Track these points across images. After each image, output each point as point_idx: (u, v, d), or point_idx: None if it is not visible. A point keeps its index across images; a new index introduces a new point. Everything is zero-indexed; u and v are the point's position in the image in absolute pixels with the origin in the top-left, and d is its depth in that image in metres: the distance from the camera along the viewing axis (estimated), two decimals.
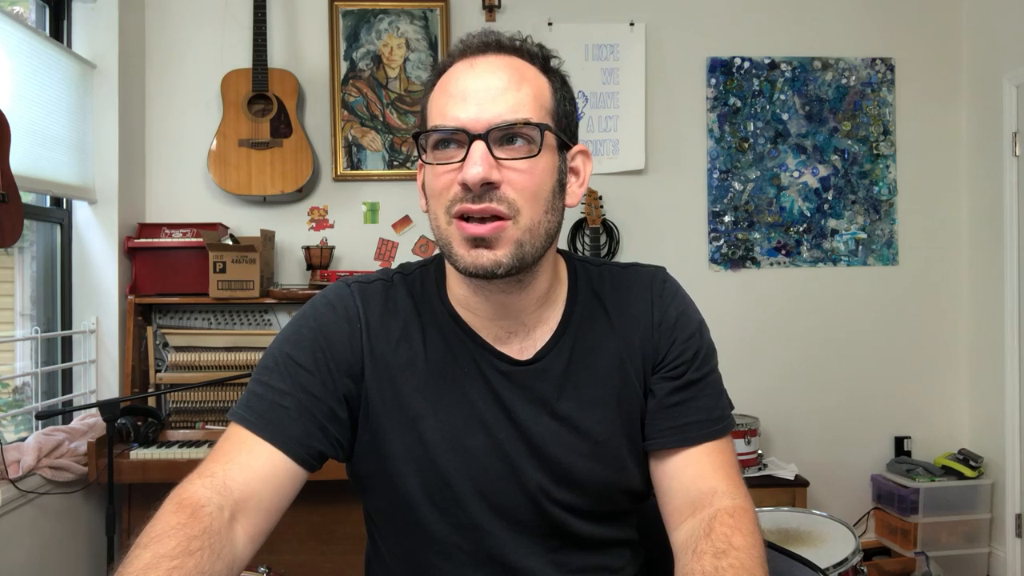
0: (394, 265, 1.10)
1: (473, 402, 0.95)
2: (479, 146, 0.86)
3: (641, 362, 0.99)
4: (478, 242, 0.88)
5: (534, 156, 0.88)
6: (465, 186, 0.86)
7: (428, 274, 1.02)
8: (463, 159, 0.87)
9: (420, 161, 0.95)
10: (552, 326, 0.99)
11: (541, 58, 0.94)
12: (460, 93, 0.89)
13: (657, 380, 0.99)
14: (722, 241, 3.15)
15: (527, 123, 0.88)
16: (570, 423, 0.96)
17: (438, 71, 0.95)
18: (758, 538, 0.90)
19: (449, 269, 0.99)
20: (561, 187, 0.94)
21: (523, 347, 0.98)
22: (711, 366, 1.02)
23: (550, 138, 0.91)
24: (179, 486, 0.84)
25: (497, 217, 0.87)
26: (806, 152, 3.18)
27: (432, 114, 0.92)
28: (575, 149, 0.97)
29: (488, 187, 0.86)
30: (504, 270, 0.88)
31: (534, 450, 0.95)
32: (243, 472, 0.86)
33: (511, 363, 0.97)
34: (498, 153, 0.87)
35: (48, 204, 2.61)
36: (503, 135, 0.88)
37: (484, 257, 0.88)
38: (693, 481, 0.96)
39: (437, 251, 1.01)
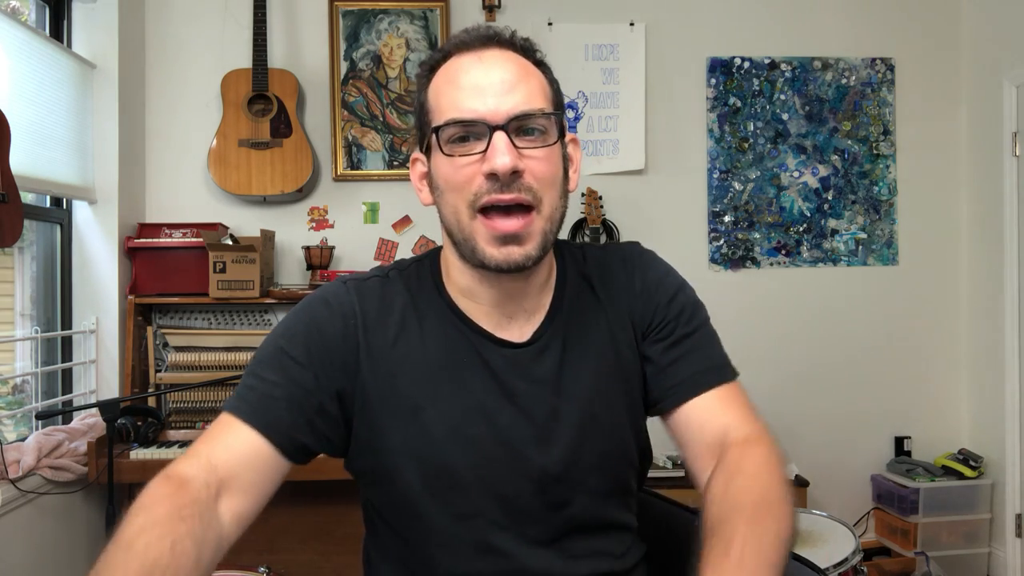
0: None
1: (473, 391, 0.96)
2: (501, 136, 0.88)
3: (632, 331, 1.02)
4: (508, 239, 0.90)
5: (551, 144, 0.92)
6: (492, 177, 0.88)
7: (424, 268, 1.03)
8: (483, 151, 0.89)
9: (416, 155, 0.97)
10: (547, 308, 1.01)
11: (531, 52, 0.97)
12: (473, 86, 0.90)
13: (648, 344, 1.01)
14: (722, 241, 3.15)
15: (543, 112, 0.91)
16: (571, 400, 0.97)
17: (431, 65, 0.96)
18: (773, 463, 0.92)
19: (451, 260, 1.00)
20: (565, 173, 0.98)
21: (522, 331, 0.99)
22: (701, 319, 1.03)
23: (556, 126, 0.94)
24: (166, 467, 0.86)
25: (520, 205, 0.90)
26: (806, 152, 3.18)
27: (443, 107, 0.92)
28: (568, 137, 1.00)
29: (514, 176, 0.89)
30: (533, 262, 0.92)
31: (537, 431, 0.96)
32: (226, 452, 0.88)
33: (511, 347, 0.98)
34: (517, 143, 0.89)
35: (48, 204, 2.61)
36: (520, 125, 0.90)
37: (516, 253, 0.90)
38: (706, 425, 0.97)
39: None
